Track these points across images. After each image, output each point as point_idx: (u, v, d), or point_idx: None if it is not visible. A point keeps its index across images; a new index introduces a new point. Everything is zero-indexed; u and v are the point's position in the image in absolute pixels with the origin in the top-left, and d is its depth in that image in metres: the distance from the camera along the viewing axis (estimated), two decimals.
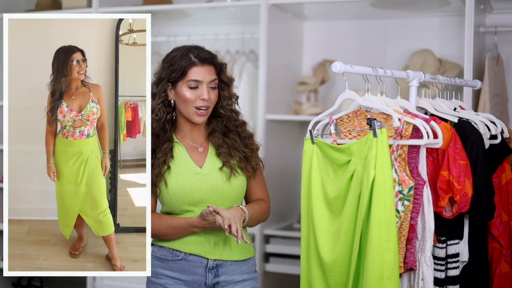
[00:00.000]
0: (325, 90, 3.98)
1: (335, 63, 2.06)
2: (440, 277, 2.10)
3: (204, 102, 2.27)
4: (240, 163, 2.32)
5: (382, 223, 1.94)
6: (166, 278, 2.31)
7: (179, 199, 2.28)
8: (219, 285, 2.31)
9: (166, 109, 2.34)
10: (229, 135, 2.35)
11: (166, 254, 2.32)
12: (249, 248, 2.39)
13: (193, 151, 2.35)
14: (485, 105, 3.11)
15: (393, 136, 2.03)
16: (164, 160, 2.29)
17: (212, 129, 2.36)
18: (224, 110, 2.35)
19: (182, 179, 2.28)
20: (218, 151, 2.33)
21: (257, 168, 2.36)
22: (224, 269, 2.31)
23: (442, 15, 3.72)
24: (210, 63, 2.30)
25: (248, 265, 2.37)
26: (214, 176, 2.30)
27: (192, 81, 2.27)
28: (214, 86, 2.31)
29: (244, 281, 2.35)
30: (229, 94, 2.35)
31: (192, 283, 2.30)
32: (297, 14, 3.91)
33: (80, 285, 4.10)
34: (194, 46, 2.35)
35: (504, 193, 2.34)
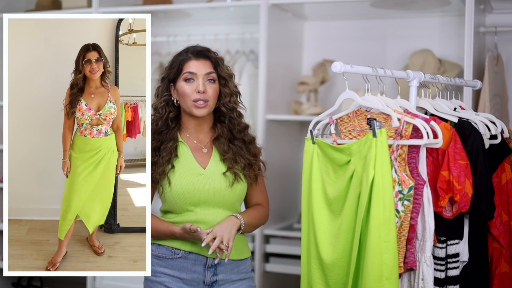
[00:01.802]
0: (325, 90, 3.98)
1: (335, 63, 2.06)
2: (440, 277, 2.10)
3: (200, 95, 2.27)
4: (244, 170, 2.34)
5: (381, 223, 1.94)
6: (164, 276, 2.32)
7: (181, 199, 2.29)
8: (217, 283, 2.32)
9: (168, 108, 2.35)
10: (235, 142, 2.36)
11: (165, 252, 2.33)
12: (245, 248, 2.41)
13: (198, 151, 2.35)
14: (485, 105, 3.11)
15: (393, 136, 2.03)
16: (169, 159, 2.30)
17: (218, 135, 2.36)
18: (226, 108, 2.34)
19: (186, 179, 2.29)
20: (223, 157, 2.33)
21: (259, 175, 2.39)
22: (223, 267, 2.32)
23: (442, 15, 3.72)
24: (205, 56, 2.33)
25: (245, 265, 2.39)
26: (217, 179, 2.31)
27: (187, 73, 2.29)
28: (211, 79, 2.31)
29: (241, 280, 2.37)
30: (229, 91, 2.34)
31: (191, 281, 2.31)
32: (297, 14, 3.91)
33: (80, 285, 4.10)
34: (193, 45, 2.38)
35: (504, 193, 2.34)
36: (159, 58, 4.17)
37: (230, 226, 2.24)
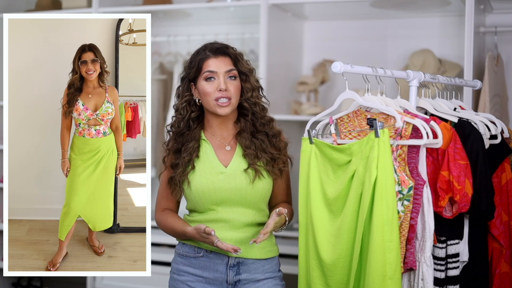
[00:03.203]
0: (325, 90, 3.98)
1: (335, 63, 2.06)
2: (440, 277, 2.10)
3: (222, 93, 2.24)
4: (267, 166, 2.28)
5: (384, 223, 1.94)
6: (187, 275, 2.30)
7: (202, 198, 2.26)
8: (241, 282, 2.29)
9: (190, 108, 2.31)
10: (257, 135, 2.31)
11: (188, 251, 2.31)
12: (272, 247, 2.36)
13: (221, 149, 2.32)
14: (485, 105, 3.10)
15: (393, 136, 2.03)
16: (189, 159, 2.27)
17: (241, 129, 2.32)
18: (249, 103, 2.30)
19: (206, 178, 2.26)
20: (245, 152, 2.29)
21: (283, 170, 2.32)
22: (246, 267, 2.29)
23: (442, 15, 3.72)
24: (224, 53, 2.28)
25: (271, 264, 2.34)
26: (238, 177, 2.27)
27: (207, 72, 2.25)
28: (232, 76, 2.27)
29: (266, 279, 2.32)
30: (251, 86, 2.30)
31: (214, 280, 2.28)
32: (297, 14, 3.91)
33: (80, 285, 4.10)
34: (210, 42, 2.33)
35: (504, 193, 2.34)
36: (159, 58, 4.17)
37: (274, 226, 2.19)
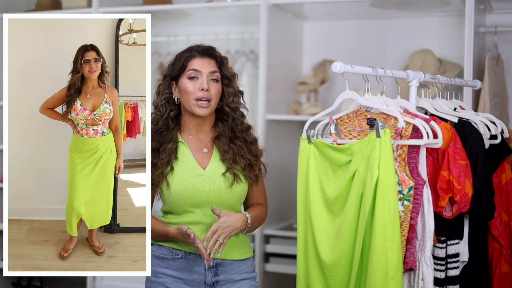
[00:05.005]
0: (325, 90, 3.98)
1: (335, 63, 2.06)
2: (440, 277, 2.10)
3: (204, 93, 2.26)
4: (244, 171, 2.32)
5: (386, 223, 1.94)
6: (165, 277, 2.31)
7: (181, 200, 2.28)
8: (219, 283, 2.32)
9: (169, 106, 2.34)
10: (235, 141, 2.34)
11: (165, 253, 2.32)
12: (247, 249, 2.40)
13: (198, 151, 2.34)
14: (485, 105, 3.11)
15: (393, 136, 2.03)
16: (168, 161, 2.29)
17: (219, 133, 2.34)
18: (230, 108, 2.33)
19: (185, 180, 2.28)
20: (223, 157, 2.31)
21: (259, 176, 2.37)
22: (224, 268, 2.32)
23: (442, 15, 3.72)
24: (210, 55, 2.32)
25: (247, 265, 2.38)
26: (217, 179, 2.30)
27: (191, 70, 2.28)
28: (215, 78, 2.30)
29: (243, 280, 2.35)
30: (233, 90, 2.33)
31: (192, 281, 2.30)
32: (297, 14, 3.91)
33: (80, 285, 4.10)
34: (197, 44, 2.36)
35: (504, 193, 2.34)
36: (159, 58, 4.17)
37: (235, 223, 2.21)
